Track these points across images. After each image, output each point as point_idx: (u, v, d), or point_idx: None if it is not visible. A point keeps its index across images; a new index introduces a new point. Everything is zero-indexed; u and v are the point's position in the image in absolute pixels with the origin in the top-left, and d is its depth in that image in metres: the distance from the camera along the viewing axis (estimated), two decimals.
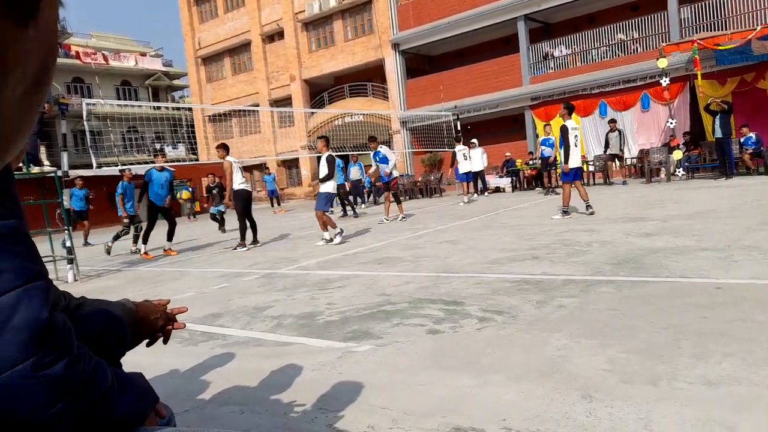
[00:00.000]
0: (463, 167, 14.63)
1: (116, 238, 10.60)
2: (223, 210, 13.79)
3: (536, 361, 2.54)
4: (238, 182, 8.71)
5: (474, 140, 16.42)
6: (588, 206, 8.26)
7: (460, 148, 14.59)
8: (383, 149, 10.90)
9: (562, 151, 8.43)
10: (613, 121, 16.05)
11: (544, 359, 2.55)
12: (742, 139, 13.41)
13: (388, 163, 10.87)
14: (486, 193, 16.98)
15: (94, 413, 0.85)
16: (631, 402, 2.01)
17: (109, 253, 10.27)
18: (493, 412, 2.05)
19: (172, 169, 10.11)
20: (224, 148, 8.77)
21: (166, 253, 9.33)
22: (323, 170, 8.41)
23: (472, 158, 16.11)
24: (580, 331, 2.88)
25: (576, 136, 8.60)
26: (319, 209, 8.34)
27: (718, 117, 12.80)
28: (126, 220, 10.75)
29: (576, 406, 2.03)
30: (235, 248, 8.80)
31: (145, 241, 9.25)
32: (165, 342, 1.39)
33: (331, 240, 8.20)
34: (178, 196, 14.18)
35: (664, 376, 2.20)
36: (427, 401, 2.22)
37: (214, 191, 14.38)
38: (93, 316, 1.14)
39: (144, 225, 9.61)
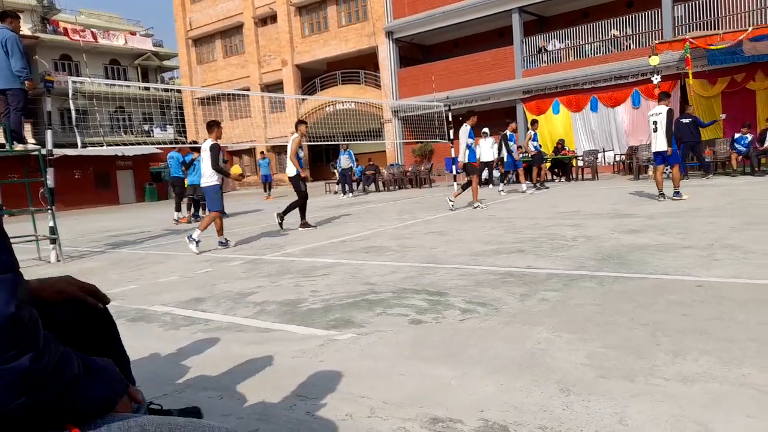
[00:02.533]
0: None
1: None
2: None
3: (517, 353, 2.55)
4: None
5: (485, 129, 16.31)
6: (661, 194, 8.44)
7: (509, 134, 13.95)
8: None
9: (663, 135, 8.42)
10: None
11: (524, 352, 2.56)
12: (736, 136, 13.50)
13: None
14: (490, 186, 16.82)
15: (59, 403, 0.84)
16: (607, 397, 2.02)
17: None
18: (472, 404, 2.06)
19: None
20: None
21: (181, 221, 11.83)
22: (208, 161, 7.12)
23: (482, 148, 16.01)
24: (562, 325, 2.90)
25: (654, 122, 8.49)
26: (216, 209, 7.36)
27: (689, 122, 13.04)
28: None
29: (553, 399, 2.04)
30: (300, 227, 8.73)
31: (178, 209, 12.29)
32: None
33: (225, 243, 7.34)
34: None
35: (642, 372, 2.22)
36: (406, 391, 2.23)
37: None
38: None
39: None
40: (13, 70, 6.35)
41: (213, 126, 7.28)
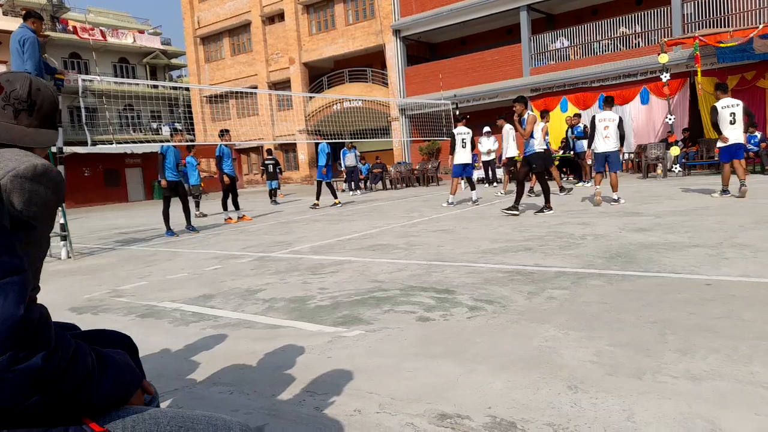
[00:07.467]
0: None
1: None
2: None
3: (524, 351, 2.56)
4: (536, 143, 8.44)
5: (487, 128, 16.28)
6: (743, 184, 8.03)
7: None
8: None
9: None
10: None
11: (531, 349, 2.57)
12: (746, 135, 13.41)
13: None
14: (494, 185, 16.71)
15: (73, 398, 0.86)
16: (615, 394, 2.03)
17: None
18: (479, 400, 2.07)
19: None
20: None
21: (241, 219, 10.83)
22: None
23: (484, 147, 16.00)
24: (569, 323, 2.91)
25: (732, 113, 8.19)
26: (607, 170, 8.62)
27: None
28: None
29: (561, 396, 2.05)
30: (541, 210, 8.24)
31: (225, 208, 11.36)
32: None
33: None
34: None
35: (649, 369, 2.23)
36: (414, 387, 2.24)
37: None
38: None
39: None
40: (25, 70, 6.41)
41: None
